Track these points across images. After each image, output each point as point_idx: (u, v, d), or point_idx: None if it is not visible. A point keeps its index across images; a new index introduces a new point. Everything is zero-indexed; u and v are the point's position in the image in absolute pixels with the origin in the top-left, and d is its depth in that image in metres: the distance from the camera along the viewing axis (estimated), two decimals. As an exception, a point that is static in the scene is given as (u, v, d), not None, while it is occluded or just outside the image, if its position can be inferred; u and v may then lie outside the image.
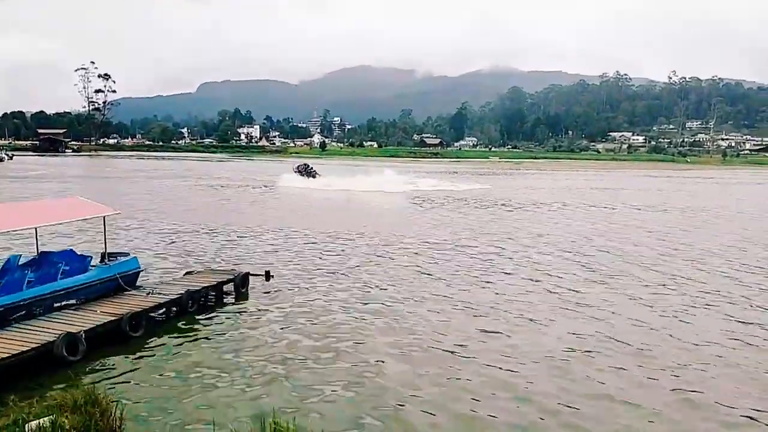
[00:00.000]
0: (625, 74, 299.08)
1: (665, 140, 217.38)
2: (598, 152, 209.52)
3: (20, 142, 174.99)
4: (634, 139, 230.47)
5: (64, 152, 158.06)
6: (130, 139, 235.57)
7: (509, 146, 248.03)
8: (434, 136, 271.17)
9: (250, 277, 15.97)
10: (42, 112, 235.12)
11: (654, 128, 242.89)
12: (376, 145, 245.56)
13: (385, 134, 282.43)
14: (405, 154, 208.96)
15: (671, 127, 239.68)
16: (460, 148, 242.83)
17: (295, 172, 60.50)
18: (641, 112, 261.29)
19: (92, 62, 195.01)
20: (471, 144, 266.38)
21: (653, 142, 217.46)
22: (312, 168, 61.94)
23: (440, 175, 66.51)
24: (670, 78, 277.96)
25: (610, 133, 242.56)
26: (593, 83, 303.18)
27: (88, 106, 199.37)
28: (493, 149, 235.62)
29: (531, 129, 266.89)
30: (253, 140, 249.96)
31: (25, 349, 9.57)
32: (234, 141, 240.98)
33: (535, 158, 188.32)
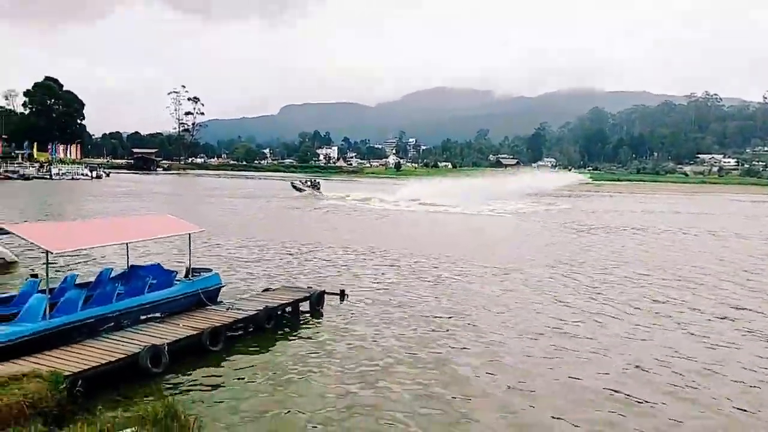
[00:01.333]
0: (715, 94, 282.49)
1: (760, 163, 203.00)
2: (686, 175, 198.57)
3: (117, 161, 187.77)
4: (725, 162, 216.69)
5: (156, 171, 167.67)
6: (216, 158, 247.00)
7: (590, 167, 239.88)
8: (511, 156, 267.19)
9: (326, 296, 16.10)
10: (137, 132, 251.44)
11: (747, 150, 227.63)
12: (450, 166, 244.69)
13: (460, 155, 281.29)
14: (480, 175, 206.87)
15: (767, 149, 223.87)
16: (537, 169, 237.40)
17: (299, 185, 69.40)
18: (733, 133, 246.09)
19: (183, 86, 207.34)
20: (549, 165, 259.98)
21: (746, 165, 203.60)
22: (317, 181, 72.41)
23: (519, 197, 65.15)
24: (765, 98, 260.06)
25: (699, 155, 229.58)
26: (680, 103, 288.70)
27: (179, 128, 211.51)
28: (572, 171, 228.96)
29: (613, 150, 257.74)
30: (331, 161, 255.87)
31: (112, 359, 9.99)
32: (313, 161, 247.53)
33: (618, 180, 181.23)
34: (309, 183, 71.53)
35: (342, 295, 16.89)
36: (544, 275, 21.55)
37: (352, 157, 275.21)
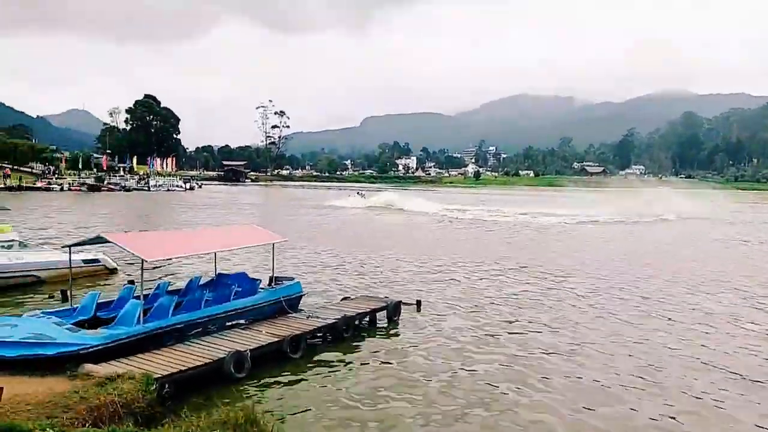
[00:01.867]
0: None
1: None
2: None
3: (208, 173, 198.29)
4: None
5: (244, 182, 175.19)
6: (300, 170, 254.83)
7: (682, 175, 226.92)
8: (597, 164, 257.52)
9: (402, 306, 16.11)
10: (227, 145, 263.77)
11: None
12: (532, 174, 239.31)
13: (542, 163, 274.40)
14: (564, 183, 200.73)
15: None
16: (625, 177, 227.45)
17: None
18: None
19: (270, 101, 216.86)
20: (638, 172, 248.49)
21: None
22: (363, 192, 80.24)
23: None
24: None
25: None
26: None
27: (266, 140, 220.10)
28: (663, 178, 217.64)
29: (708, 157, 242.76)
30: (410, 171, 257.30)
31: (199, 363, 10.45)
32: (392, 171, 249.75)
33: (714, 188, 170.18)
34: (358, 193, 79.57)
35: (419, 305, 16.85)
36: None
37: (430, 167, 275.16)
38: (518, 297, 18.91)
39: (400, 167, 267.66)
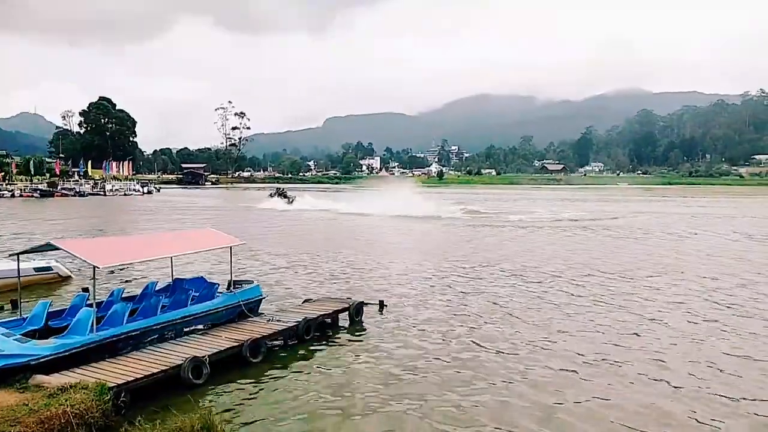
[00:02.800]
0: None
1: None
2: (741, 177, 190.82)
3: (167, 176, 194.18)
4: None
5: (204, 185, 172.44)
6: (262, 171, 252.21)
7: (639, 171, 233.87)
8: (557, 162, 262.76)
9: (364, 307, 16.11)
10: (186, 148, 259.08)
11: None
12: (494, 173, 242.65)
13: (504, 161, 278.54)
14: (525, 181, 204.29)
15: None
16: (585, 174, 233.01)
17: (271, 196, 74.82)
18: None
19: (230, 102, 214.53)
20: (597, 170, 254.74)
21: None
22: (284, 190, 79.44)
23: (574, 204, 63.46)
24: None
25: (755, 156, 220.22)
26: (734, 103, 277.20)
27: (226, 142, 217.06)
28: (621, 175, 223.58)
29: (663, 153, 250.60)
30: (373, 171, 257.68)
31: (155, 371, 10.23)
32: (356, 172, 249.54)
33: (669, 184, 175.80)
34: (277, 192, 78.51)
35: (381, 305, 16.88)
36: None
37: (394, 167, 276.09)
38: (478, 294, 19.13)
39: (364, 167, 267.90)
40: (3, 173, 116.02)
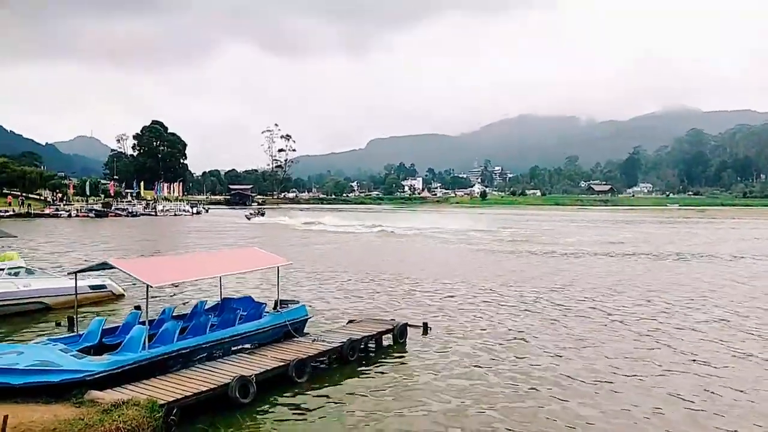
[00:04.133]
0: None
1: None
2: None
3: (215, 197, 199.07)
4: None
5: (251, 205, 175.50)
6: (306, 192, 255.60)
7: (690, 192, 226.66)
8: (604, 182, 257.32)
9: (408, 329, 16.02)
10: (233, 169, 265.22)
11: None
12: (539, 193, 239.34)
13: (548, 182, 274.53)
14: (571, 202, 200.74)
15: None
16: (633, 195, 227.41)
17: (251, 215, 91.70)
18: None
19: (276, 125, 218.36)
20: (646, 190, 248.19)
21: None
22: (263, 210, 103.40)
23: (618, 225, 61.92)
24: None
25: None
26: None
27: (272, 164, 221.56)
28: (671, 195, 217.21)
29: (716, 173, 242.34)
30: (415, 191, 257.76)
31: (204, 389, 10.40)
32: (398, 192, 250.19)
33: (722, 205, 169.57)
34: (257, 212, 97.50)
35: (425, 328, 16.74)
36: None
37: (436, 188, 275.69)
38: (525, 318, 18.78)
39: (406, 188, 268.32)
40: (61, 194, 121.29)
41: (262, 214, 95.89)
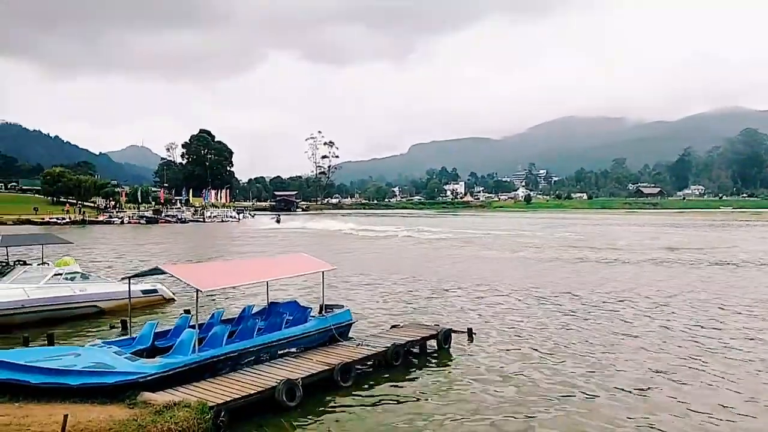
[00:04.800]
0: None
1: None
2: None
3: (260, 203, 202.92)
4: None
5: (295, 211, 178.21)
6: (349, 198, 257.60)
7: (744, 194, 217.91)
8: (652, 185, 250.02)
9: (453, 335, 15.89)
10: (278, 176, 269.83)
11: None
12: (585, 197, 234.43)
13: (595, 185, 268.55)
14: (619, 205, 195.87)
15: None
16: (684, 198, 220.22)
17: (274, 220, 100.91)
18: None
19: (319, 131, 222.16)
20: (697, 193, 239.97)
21: None
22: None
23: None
24: None
25: None
26: None
27: (316, 170, 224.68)
28: (724, 198, 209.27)
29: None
30: (458, 196, 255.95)
31: (252, 392, 10.58)
32: (440, 197, 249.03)
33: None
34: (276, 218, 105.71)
35: (470, 333, 16.58)
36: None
37: (479, 192, 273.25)
38: (569, 326, 18.39)
39: (449, 193, 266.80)
40: (114, 202, 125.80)
41: (278, 221, 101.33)
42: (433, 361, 14.45)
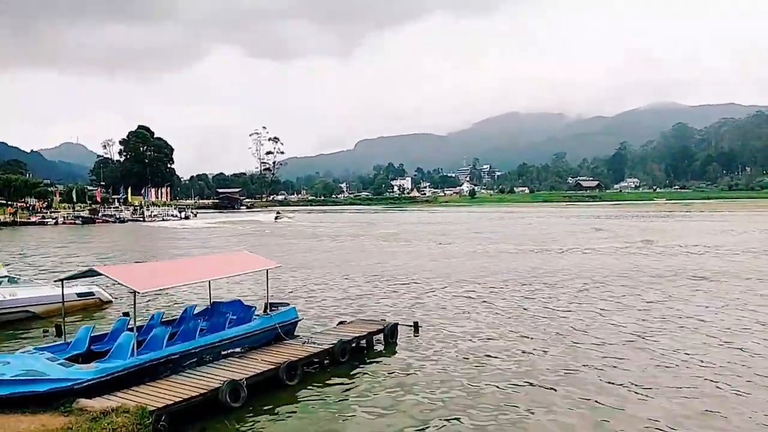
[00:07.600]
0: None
1: None
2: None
3: (203, 201, 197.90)
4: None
5: (239, 209, 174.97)
6: (295, 194, 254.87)
7: (676, 186, 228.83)
8: (591, 178, 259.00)
9: (399, 328, 16.01)
10: (221, 173, 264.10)
11: None
12: (527, 191, 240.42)
13: (537, 179, 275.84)
14: (559, 198, 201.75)
15: None
16: (620, 190, 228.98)
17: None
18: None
19: (264, 127, 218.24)
20: (633, 185, 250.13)
21: None
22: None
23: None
24: None
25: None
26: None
27: (260, 167, 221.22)
28: (658, 190, 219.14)
29: (701, 167, 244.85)
30: (405, 191, 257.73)
31: (194, 394, 10.33)
32: (388, 193, 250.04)
33: (708, 198, 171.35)
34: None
35: (416, 327, 16.74)
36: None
37: (425, 187, 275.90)
38: (516, 314, 18.86)
39: (395, 188, 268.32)
40: (47, 202, 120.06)
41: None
42: (380, 356, 14.52)
